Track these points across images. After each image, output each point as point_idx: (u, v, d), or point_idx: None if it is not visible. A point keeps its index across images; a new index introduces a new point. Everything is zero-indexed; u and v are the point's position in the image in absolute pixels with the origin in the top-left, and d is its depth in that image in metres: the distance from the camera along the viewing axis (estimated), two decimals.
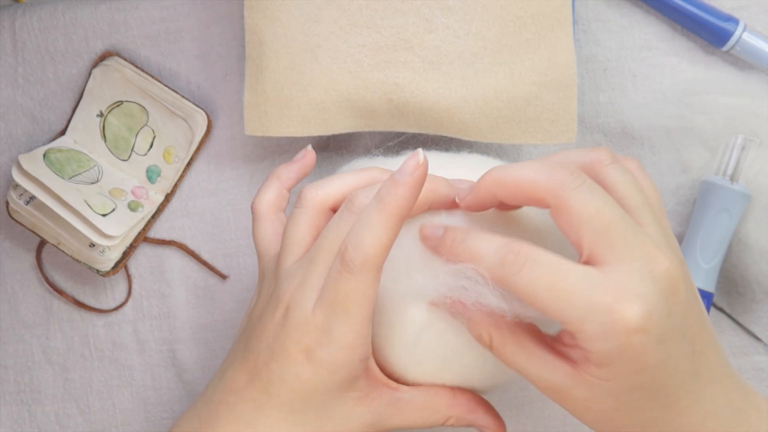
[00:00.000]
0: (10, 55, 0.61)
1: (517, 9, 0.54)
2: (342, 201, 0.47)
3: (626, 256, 0.38)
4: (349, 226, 0.44)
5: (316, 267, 0.44)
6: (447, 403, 0.47)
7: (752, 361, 0.59)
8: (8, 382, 0.62)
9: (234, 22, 0.60)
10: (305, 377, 0.44)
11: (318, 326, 0.43)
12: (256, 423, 0.45)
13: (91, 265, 0.59)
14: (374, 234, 0.43)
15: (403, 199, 0.42)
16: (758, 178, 0.57)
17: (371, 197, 0.44)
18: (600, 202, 0.39)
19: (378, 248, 0.43)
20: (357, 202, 0.44)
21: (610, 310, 0.38)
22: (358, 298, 0.43)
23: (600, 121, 0.60)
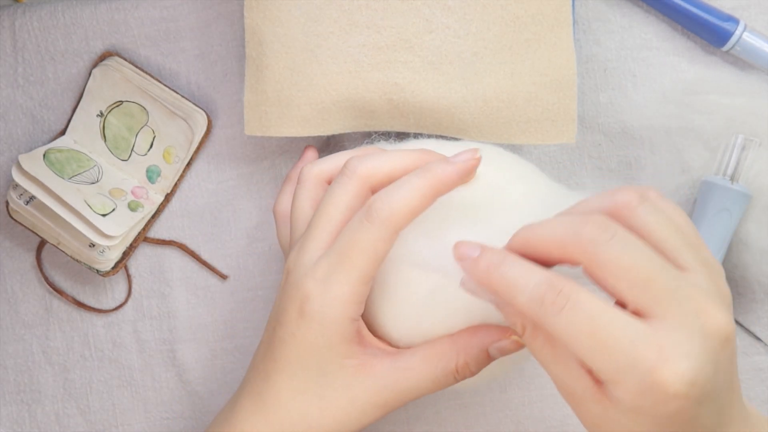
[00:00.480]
0: (10, 55, 0.61)
1: (517, 9, 0.54)
2: (337, 173, 0.47)
3: (674, 310, 0.35)
4: (344, 189, 0.44)
5: (314, 229, 0.45)
6: (449, 348, 0.45)
7: (752, 361, 0.59)
8: (8, 382, 0.62)
9: (234, 22, 0.60)
10: (298, 334, 0.44)
11: (316, 278, 0.43)
12: (265, 393, 0.46)
13: (91, 265, 0.59)
14: (408, 195, 0.43)
15: (448, 177, 0.43)
16: (758, 178, 0.57)
17: (363, 161, 0.44)
18: (635, 253, 0.36)
19: (406, 208, 0.43)
20: (350, 166, 0.45)
21: (653, 369, 0.35)
22: (368, 250, 0.43)
23: (600, 121, 0.60)
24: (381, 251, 0.43)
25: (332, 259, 0.43)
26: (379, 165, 0.45)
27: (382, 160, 0.45)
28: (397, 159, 0.45)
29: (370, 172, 0.45)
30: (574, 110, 0.55)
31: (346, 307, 0.44)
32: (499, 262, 0.39)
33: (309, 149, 0.57)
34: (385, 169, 0.45)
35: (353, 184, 0.45)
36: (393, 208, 0.43)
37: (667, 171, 0.60)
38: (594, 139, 0.60)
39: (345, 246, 0.43)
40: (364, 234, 0.43)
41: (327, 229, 0.45)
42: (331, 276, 0.43)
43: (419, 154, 0.45)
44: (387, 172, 0.45)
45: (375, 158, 0.45)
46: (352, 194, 0.45)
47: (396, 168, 0.45)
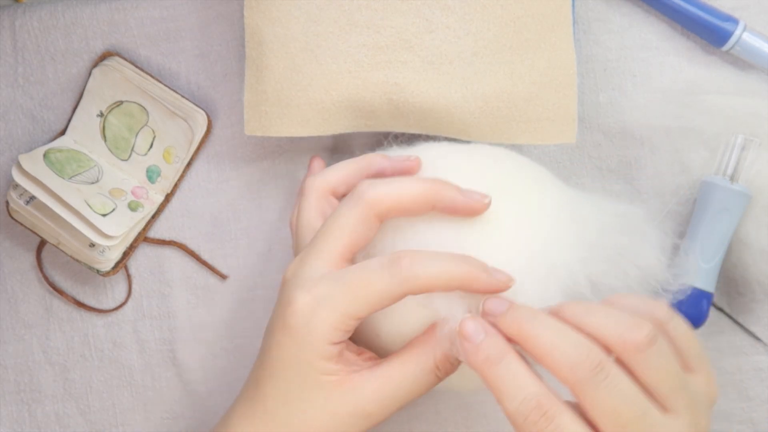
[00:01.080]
0: (10, 55, 0.61)
1: (517, 9, 0.54)
2: (341, 184, 0.50)
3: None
4: (347, 210, 0.45)
5: (317, 246, 0.46)
6: (423, 346, 0.45)
7: (752, 361, 0.59)
8: (8, 382, 0.62)
9: (234, 22, 0.60)
10: (282, 345, 0.44)
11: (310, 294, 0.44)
12: (255, 399, 0.46)
13: (91, 265, 0.59)
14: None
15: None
16: (758, 178, 0.57)
17: (373, 186, 0.45)
18: (618, 400, 0.38)
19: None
20: (359, 191, 0.45)
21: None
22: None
23: (600, 121, 0.60)
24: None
25: (334, 285, 0.44)
26: (388, 192, 0.45)
27: (391, 187, 0.45)
28: (407, 187, 0.45)
29: (379, 198, 0.45)
30: (574, 110, 0.55)
31: (329, 332, 0.44)
32: (498, 358, 0.41)
33: (315, 159, 0.57)
34: (393, 197, 0.45)
35: (360, 209, 0.45)
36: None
37: (667, 171, 0.60)
38: (594, 139, 0.60)
39: (354, 279, 0.44)
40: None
41: (329, 248, 0.45)
42: (326, 299, 0.44)
43: (430, 184, 0.45)
44: (395, 200, 0.45)
45: (385, 185, 0.45)
46: (358, 219, 0.45)
47: (404, 196, 0.45)
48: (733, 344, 0.60)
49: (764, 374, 0.59)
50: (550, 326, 0.40)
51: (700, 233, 0.56)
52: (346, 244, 0.45)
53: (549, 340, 0.40)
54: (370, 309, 0.44)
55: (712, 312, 0.59)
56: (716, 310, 0.59)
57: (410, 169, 0.49)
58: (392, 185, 0.45)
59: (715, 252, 0.56)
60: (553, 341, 0.40)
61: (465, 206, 0.45)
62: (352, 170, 0.50)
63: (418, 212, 0.45)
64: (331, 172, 0.51)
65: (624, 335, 0.39)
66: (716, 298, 0.59)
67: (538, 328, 0.40)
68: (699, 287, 0.56)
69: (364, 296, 0.43)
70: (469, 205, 0.45)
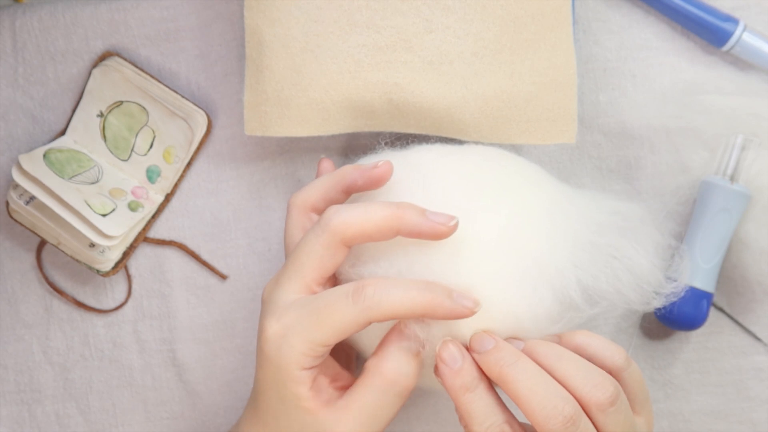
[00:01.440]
0: (10, 55, 0.61)
1: (516, 9, 0.54)
2: (320, 200, 0.51)
3: None
4: (315, 237, 0.46)
5: (287, 271, 0.47)
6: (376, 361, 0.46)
7: (752, 361, 0.60)
8: (8, 382, 0.62)
9: (234, 22, 0.60)
10: (263, 365, 0.46)
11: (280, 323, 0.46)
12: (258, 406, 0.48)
13: (91, 265, 0.59)
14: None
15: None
16: (758, 178, 0.57)
17: (339, 213, 0.46)
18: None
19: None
20: (324, 219, 0.46)
21: None
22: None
23: (600, 121, 0.60)
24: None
25: (301, 312, 0.45)
26: (353, 220, 0.46)
27: (355, 214, 0.46)
28: (370, 214, 0.46)
29: (343, 226, 0.46)
30: (574, 110, 0.55)
31: (299, 358, 0.45)
32: (471, 387, 0.44)
33: (323, 162, 0.57)
34: (357, 225, 0.46)
35: (325, 237, 0.46)
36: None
37: (667, 171, 0.60)
38: (594, 139, 0.60)
39: (319, 307, 0.45)
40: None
41: (298, 275, 0.47)
42: (294, 327, 0.45)
43: (393, 210, 0.46)
44: (359, 228, 0.46)
45: (349, 212, 0.46)
46: (324, 247, 0.46)
47: (367, 223, 0.46)
48: (733, 344, 0.60)
49: (764, 374, 0.59)
50: (529, 374, 0.43)
51: (699, 233, 0.56)
52: (315, 270, 0.46)
53: (527, 388, 0.43)
54: (337, 336, 0.45)
55: (712, 312, 0.59)
56: (716, 310, 0.59)
57: (380, 177, 0.49)
58: (356, 212, 0.46)
59: (715, 252, 0.56)
60: (531, 389, 0.43)
61: (429, 231, 0.45)
62: (329, 185, 0.51)
63: (382, 238, 0.46)
64: (310, 189, 0.52)
65: (590, 393, 0.43)
66: (716, 298, 0.59)
67: (518, 374, 0.43)
68: (699, 287, 0.56)
69: (330, 324, 0.44)
70: (433, 229, 0.45)
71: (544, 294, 0.46)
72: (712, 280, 0.56)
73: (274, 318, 0.46)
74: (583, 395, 0.43)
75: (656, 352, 0.60)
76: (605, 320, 0.60)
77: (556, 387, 0.43)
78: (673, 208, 0.59)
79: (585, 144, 0.60)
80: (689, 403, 0.60)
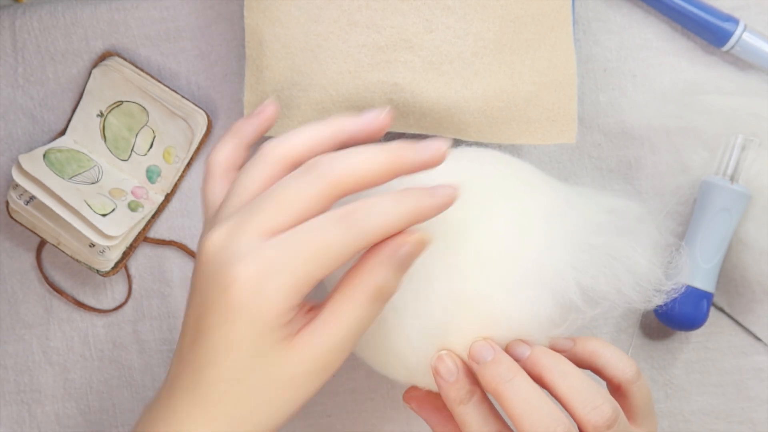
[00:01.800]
0: (10, 55, 0.61)
1: (517, 9, 0.54)
2: (305, 153, 0.44)
3: None
4: (306, 186, 0.41)
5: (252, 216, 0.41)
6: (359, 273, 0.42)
7: (752, 361, 0.60)
8: (8, 382, 0.62)
9: (234, 22, 0.60)
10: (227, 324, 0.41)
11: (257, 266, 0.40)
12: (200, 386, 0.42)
13: (91, 265, 0.59)
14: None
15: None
16: (758, 178, 0.57)
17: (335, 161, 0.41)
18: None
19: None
20: (320, 168, 0.41)
21: None
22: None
23: (600, 121, 0.60)
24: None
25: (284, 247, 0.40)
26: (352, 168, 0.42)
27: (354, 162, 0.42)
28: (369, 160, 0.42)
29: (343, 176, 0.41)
30: (574, 110, 0.55)
31: (289, 296, 0.40)
32: (465, 400, 0.45)
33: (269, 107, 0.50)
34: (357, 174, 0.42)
35: (320, 187, 0.41)
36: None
37: (667, 171, 0.60)
38: (594, 139, 0.60)
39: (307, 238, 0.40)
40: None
41: (275, 221, 0.41)
42: (279, 264, 0.40)
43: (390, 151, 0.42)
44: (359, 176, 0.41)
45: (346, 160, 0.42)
46: (317, 198, 0.41)
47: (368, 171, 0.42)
48: (733, 344, 0.60)
49: (764, 374, 0.59)
50: (524, 393, 0.44)
51: (699, 233, 0.56)
52: (295, 220, 0.41)
53: (521, 407, 0.43)
54: (329, 268, 0.41)
55: (712, 312, 0.59)
56: (716, 310, 0.59)
57: (381, 126, 0.45)
58: (354, 159, 0.42)
59: (715, 252, 0.56)
60: (525, 409, 0.43)
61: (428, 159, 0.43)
62: (321, 136, 0.45)
63: (382, 183, 0.42)
64: (296, 137, 0.44)
65: (588, 415, 0.43)
66: (716, 298, 0.59)
67: (513, 392, 0.44)
68: (698, 287, 0.56)
69: (321, 255, 0.40)
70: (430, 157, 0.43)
71: (544, 298, 0.46)
72: (712, 280, 0.56)
73: (247, 261, 0.40)
74: (581, 417, 0.44)
75: (656, 352, 0.60)
76: (605, 320, 0.60)
77: (550, 408, 0.43)
78: (673, 208, 0.59)
79: (585, 144, 0.60)
80: (689, 403, 0.60)
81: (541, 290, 0.46)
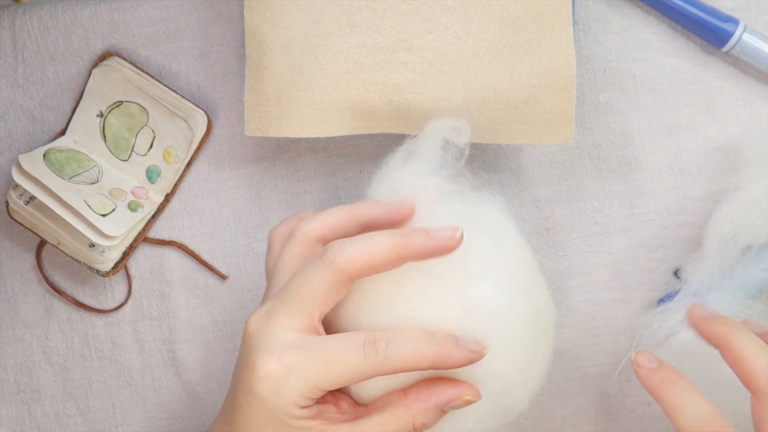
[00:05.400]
0: (10, 55, 0.61)
1: (517, 9, 0.54)
2: (331, 232, 0.49)
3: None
4: (319, 274, 0.45)
5: (286, 304, 0.45)
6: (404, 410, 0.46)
7: None
8: (8, 382, 0.62)
9: (234, 22, 0.60)
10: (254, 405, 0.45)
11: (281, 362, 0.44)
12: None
13: (91, 265, 0.59)
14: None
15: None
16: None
17: (343, 248, 0.45)
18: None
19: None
20: (329, 254, 0.45)
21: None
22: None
23: (600, 121, 0.60)
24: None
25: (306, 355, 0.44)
26: (359, 255, 0.45)
27: (361, 248, 0.45)
28: (377, 246, 0.45)
29: (350, 262, 0.45)
30: (572, 112, 0.55)
31: (299, 400, 0.44)
32: (674, 380, 0.46)
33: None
34: (364, 259, 0.45)
35: (331, 273, 0.45)
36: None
37: (667, 171, 0.60)
38: (594, 139, 0.60)
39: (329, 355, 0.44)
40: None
41: (300, 312, 0.45)
42: (297, 369, 0.44)
43: (398, 238, 0.45)
44: (367, 262, 0.45)
45: (354, 246, 0.45)
46: (330, 284, 0.45)
47: (375, 255, 0.45)
48: None
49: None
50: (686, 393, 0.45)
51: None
52: (318, 308, 0.45)
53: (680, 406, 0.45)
54: (342, 385, 0.45)
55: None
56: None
57: (403, 218, 0.49)
58: (362, 245, 0.45)
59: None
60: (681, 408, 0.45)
61: (438, 248, 0.45)
62: (344, 218, 0.49)
63: (391, 268, 0.46)
64: (322, 218, 0.50)
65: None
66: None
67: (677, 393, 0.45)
68: None
69: (338, 373, 0.44)
70: (441, 245, 0.45)
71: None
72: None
73: (273, 356, 0.44)
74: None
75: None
76: (605, 320, 0.60)
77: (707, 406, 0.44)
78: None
79: (585, 144, 0.60)
80: None
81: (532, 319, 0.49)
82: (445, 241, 0.45)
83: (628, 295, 0.60)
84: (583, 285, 0.60)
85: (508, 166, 0.60)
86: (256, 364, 0.44)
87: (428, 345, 0.44)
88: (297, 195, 0.60)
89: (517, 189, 0.60)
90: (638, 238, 0.60)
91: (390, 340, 0.44)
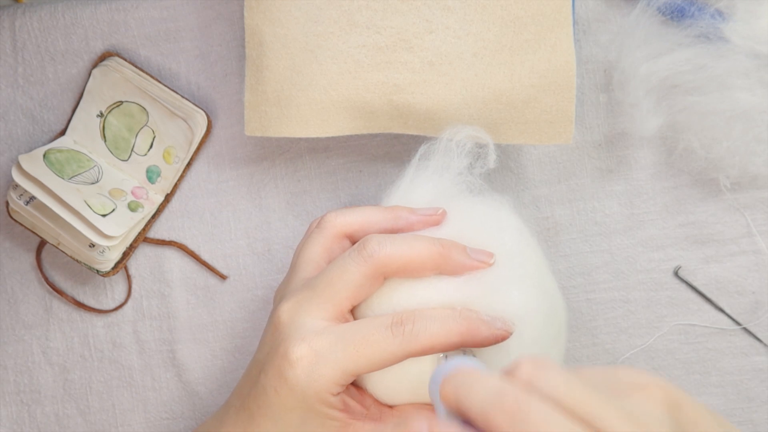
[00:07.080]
0: (10, 55, 0.61)
1: (517, 9, 0.54)
2: (358, 229, 0.49)
3: None
4: (356, 266, 0.45)
5: (319, 294, 0.46)
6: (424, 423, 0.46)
7: (752, 361, 0.59)
8: (8, 382, 0.62)
9: (234, 22, 0.60)
10: (281, 392, 0.45)
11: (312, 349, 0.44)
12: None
13: (91, 265, 0.59)
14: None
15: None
16: None
17: (384, 245, 0.45)
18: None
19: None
20: (369, 249, 0.46)
21: None
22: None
23: (600, 122, 0.60)
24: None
25: (336, 341, 0.44)
26: (399, 254, 0.46)
27: (402, 249, 0.46)
28: (417, 250, 0.46)
29: (389, 259, 0.46)
30: (572, 112, 0.55)
31: (330, 386, 0.44)
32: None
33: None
34: (403, 260, 0.46)
35: (368, 267, 0.45)
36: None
37: (667, 171, 0.59)
38: (594, 139, 0.60)
39: (357, 338, 0.44)
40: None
41: (332, 301, 0.46)
42: (328, 355, 0.44)
43: (440, 248, 0.46)
44: (405, 263, 0.46)
45: (395, 245, 0.46)
46: (366, 277, 0.46)
47: (414, 258, 0.46)
48: (733, 344, 0.59)
49: (764, 375, 0.59)
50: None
51: None
52: (350, 299, 0.46)
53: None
54: (373, 368, 0.45)
55: (712, 312, 0.59)
56: (717, 311, 0.59)
57: (435, 225, 0.49)
58: (402, 246, 0.46)
59: None
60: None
61: (472, 268, 0.46)
62: (374, 218, 0.50)
63: (423, 276, 0.46)
64: (354, 214, 0.50)
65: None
66: (716, 298, 0.59)
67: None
68: None
69: (367, 356, 0.44)
70: (475, 267, 0.46)
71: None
72: None
73: (304, 343, 0.45)
74: None
75: (656, 353, 0.60)
76: (605, 320, 0.60)
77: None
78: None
79: (585, 144, 0.60)
80: None
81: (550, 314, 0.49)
82: (482, 264, 0.46)
83: (628, 295, 0.60)
84: (583, 285, 0.60)
85: (508, 166, 0.60)
86: (288, 350, 0.45)
87: (455, 321, 0.44)
88: (297, 195, 0.60)
89: (517, 189, 0.60)
90: (638, 238, 0.60)
91: (417, 319, 0.44)
